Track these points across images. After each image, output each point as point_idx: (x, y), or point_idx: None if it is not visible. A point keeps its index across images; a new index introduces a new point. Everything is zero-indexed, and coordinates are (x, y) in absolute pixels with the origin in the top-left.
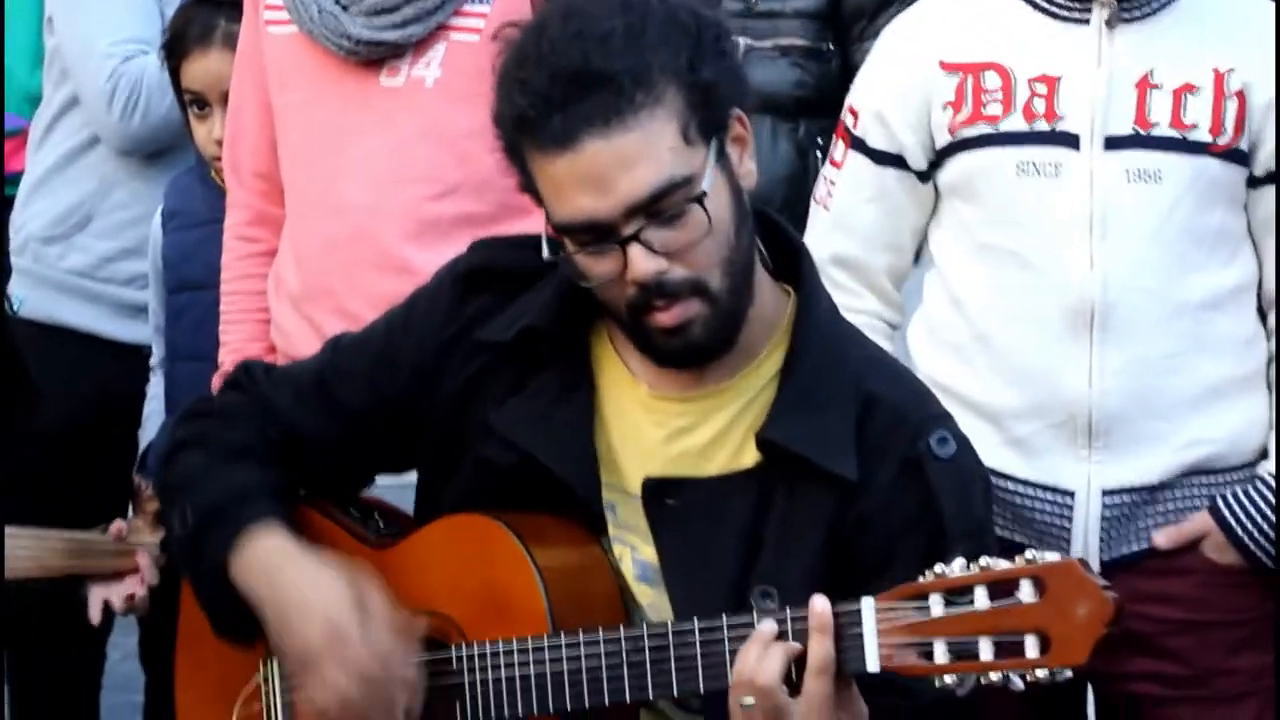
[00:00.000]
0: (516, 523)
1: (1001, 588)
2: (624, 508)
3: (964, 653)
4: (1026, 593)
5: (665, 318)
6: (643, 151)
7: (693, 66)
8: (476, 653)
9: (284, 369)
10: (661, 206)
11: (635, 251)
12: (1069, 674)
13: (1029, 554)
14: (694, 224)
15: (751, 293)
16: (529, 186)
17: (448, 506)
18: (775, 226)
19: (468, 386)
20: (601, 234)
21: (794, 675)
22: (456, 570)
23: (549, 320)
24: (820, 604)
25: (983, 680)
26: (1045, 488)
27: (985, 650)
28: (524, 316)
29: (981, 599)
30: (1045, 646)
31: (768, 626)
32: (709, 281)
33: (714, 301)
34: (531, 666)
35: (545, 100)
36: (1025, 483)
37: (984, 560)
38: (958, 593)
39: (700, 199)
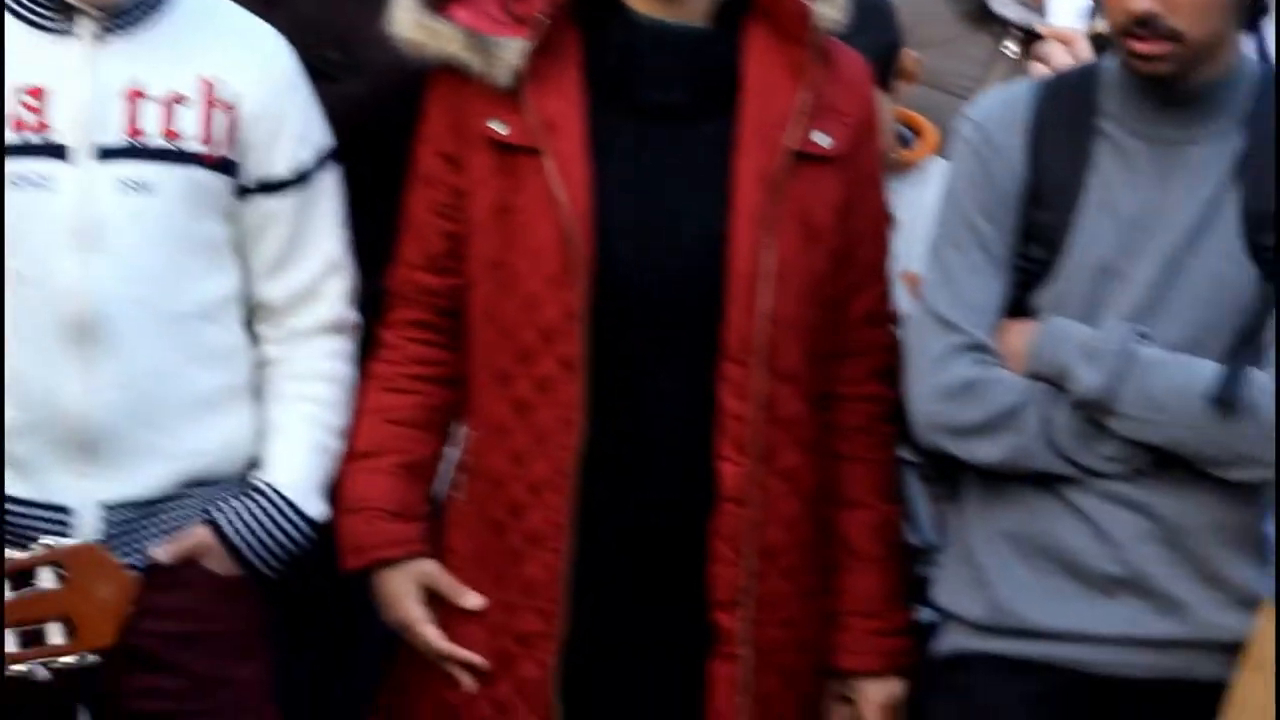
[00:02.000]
0: None
1: (21, 578)
2: None
3: None
4: (47, 580)
5: None
6: None
7: None
8: None
9: None
10: None
11: None
12: (96, 657)
13: (46, 540)
14: None
15: None
16: None
17: None
18: None
19: None
20: None
21: None
22: None
23: None
24: None
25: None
26: (44, 505)
27: (10, 641)
28: None
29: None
30: (71, 631)
31: None
32: None
33: None
34: None
35: None
36: (25, 502)
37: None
38: None
39: None
